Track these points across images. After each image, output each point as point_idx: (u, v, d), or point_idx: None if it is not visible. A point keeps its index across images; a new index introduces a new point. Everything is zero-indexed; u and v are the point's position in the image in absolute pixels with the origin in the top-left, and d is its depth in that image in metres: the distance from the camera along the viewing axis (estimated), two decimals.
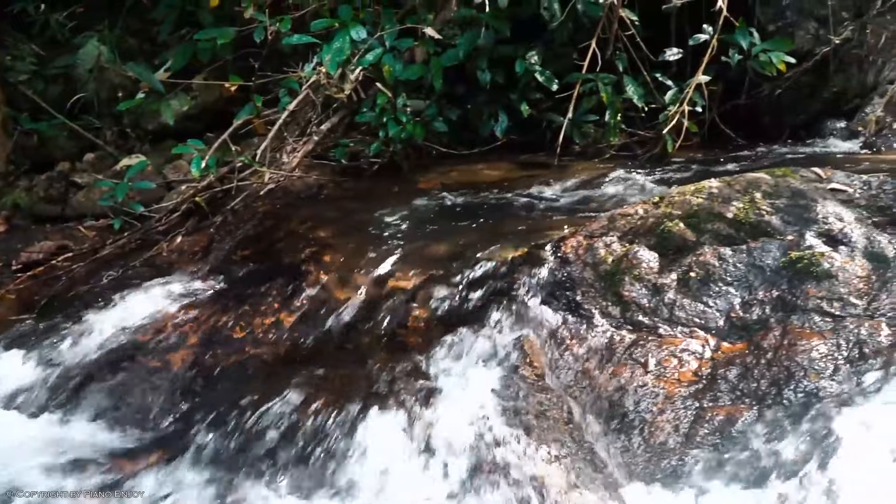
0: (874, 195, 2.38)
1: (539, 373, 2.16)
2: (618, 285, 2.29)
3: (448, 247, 2.63)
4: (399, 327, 2.38)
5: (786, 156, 3.70)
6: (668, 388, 2.06)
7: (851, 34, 3.89)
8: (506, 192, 3.26)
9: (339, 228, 2.91)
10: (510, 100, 3.87)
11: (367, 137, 3.76)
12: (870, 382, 1.91)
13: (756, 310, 2.15)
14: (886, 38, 3.96)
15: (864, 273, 2.11)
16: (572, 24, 3.79)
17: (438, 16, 3.79)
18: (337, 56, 3.40)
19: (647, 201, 2.51)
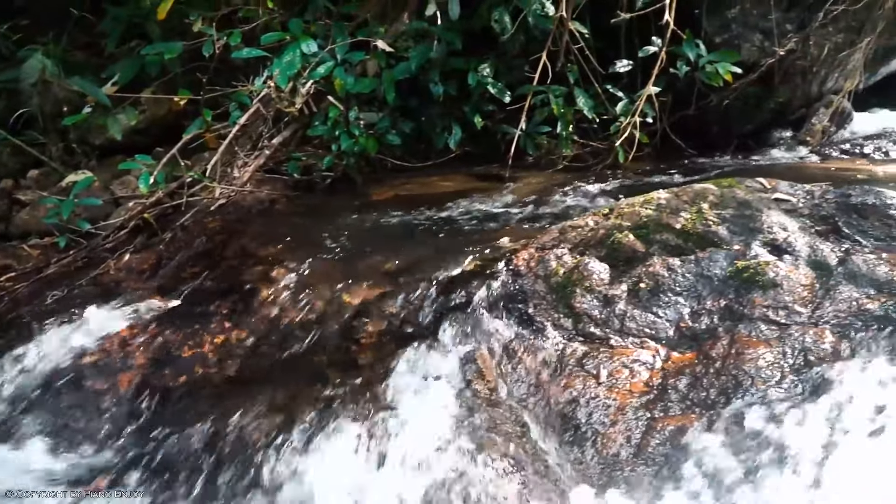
0: (817, 204, 2.43)
1: (492, 386, 2.16)
2: (569, 297, 2.30)
3: (401, 261, 2.61)
4: (352, 344, 2.36)
5: (734, 165, 3.77)
6: (619, 399, 2.07)
7: (795, 46, 3.98)
8: (460, 203, 3.26)
9: (290, 244, 2.87)
10: (463, 112, 3.88)
11: (320, 151, 3.74)
12: (814, 389, 1.94)
13: (705, 319, 2.17)
14: (829, 50, 4.06)
15: (807, 281, 2.15)
16: (524, 36, 3.82)
17: (391, 28, 3.79)
18: (287, 69, 3.37)
19: (598, 213, 2.53)
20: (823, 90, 4.29)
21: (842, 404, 1.86)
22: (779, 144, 4.26)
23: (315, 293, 2.56)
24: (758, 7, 3.99)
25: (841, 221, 2.36)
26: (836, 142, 4.09)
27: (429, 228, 2.96)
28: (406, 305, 2.39)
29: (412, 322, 2.35)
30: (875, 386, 1.88)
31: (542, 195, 3.30)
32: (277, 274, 2.68)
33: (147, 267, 3.11)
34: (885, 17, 4.03)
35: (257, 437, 2.09)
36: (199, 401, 2.31)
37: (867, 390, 1.87)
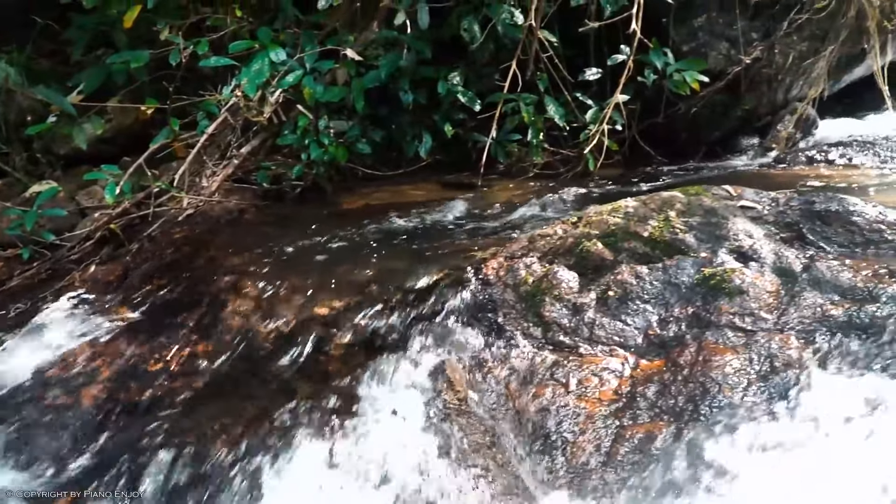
0: (782, 211, 2.46)
1: (461, 396, 2.15)
2: (538, 306, 2.30)
3: (371, 271, 2.60)
4: (321, 355, 2.34)
5: (702, 172, 3.81)
6: (589, 407, 2.07)
7: (761, 54, 4.04)
8: (430, 212, 3.26)
9: (259, 254, 2.85)
10: (434, 120, 3.88)
11: (289, 160, 3.71)
12: (781, 395, 1.95)
13: (672, 327, 2.19)
14: (793, 58, 4.13)
15: (773, 288, 2.17)
16: (494, 44, 3.84)
17: (360, 37, 3.78)
18: (256, 78, 3.35)
19: (566, 221, 2.54)
20: (789, 98, 4.36)
21: (808, 410, 1.87)
22: (746, 151, 4.31)
23: (284, 304, 2.53)
24: (724, 16, 4.04)
25: (805, 228, 2.39)
26: (801, 148, 4.15)
27: (399, 238, 2.95)
28: (375, 316, 2.37)
29: (382, 333, 2.33)
30: (840, 391, 1.90)
31: (512, 203, 3.31)
32: (245, 285, 2.65)
33: (113, 278, 3.06)
34: (847, 25, 4.10)
35: (224, 451, 2.06)
36: (165, 415, 2.27)
37: (832, 396, 1.89)
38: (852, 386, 1.90)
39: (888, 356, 1.93)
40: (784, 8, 3.99)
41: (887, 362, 1.93)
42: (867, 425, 1.80)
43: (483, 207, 3.31)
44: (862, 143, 4.03)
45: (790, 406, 1.91)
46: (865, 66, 4.49)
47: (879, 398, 1.84)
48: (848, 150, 3.96)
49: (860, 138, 4.11)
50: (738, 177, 3.74)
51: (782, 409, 1.91)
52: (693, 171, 3.93)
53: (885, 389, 1.85)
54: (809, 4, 3.98)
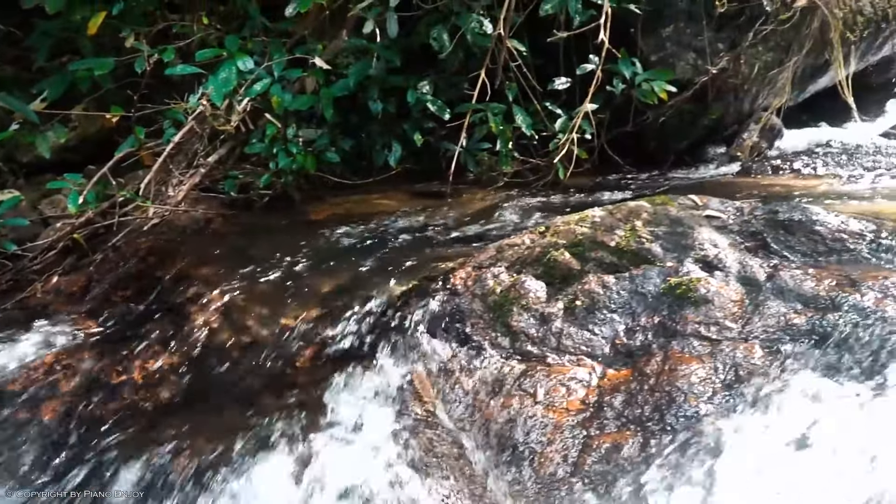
0: (746, 221, 2.49)
1: (429, 408, 2.14)
2: (506, 316, 2.30)
3: (339, 282, 2.58)
4: (287, 367, 2.32)
5: (671, 181, 3.84)
6: (556, 417, 2.07)
7: (727, 64, 4.09)
8: (399, 222, 3.25)
9: (226, 264, 2.81)
10: (404, 129, 3.87)
11: (258, 169, 3.68)
12: (745, 404, 1.97)
13: (639, 336, 2.20)
14: (759, 68, 4.18)
15: (737, 297, 2.19)
16: (463, 53, 3.84)
17: (330, 45, 3.77)
18: (223, 87, 3.31)
19: (534, 231, 2.54)
20: (755, 107, 4.42)
21: (771, 419, 1.89)
22: (714, 160, 4.36)
23: (250, 315, 2.51)
24: (691, 26, 4.08)
25: (769, 237, 2.42)
26: (767, 157, 4.20)
27: (367, 247, 2.93)
28: (343, 327, 2.36)
29: (349, 344, 2.32)
30: (803, 400, 1.91)
31: (481, 212, 3.31)
32: (212, 296, 2.62)
33: (76, 289, 3.01)
34: (811, 37, 4.17)
35: (188, 465, 2.03)
36: (129, 429, 2.23)
37: (795, 404, 1.91)
38: (815, 394, 1.92)
39: (849, 364, 1.95)
40: (749, 19, 4.05)
41: (848, 370, 1.95)
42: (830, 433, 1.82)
43: (452, 216, 3.31)
44: (826, 152, 4.09)
45: (755, 414, 1.93)
46: (829, 76, 4.57)
47: (841, 406, 1.86)
48: (812, 159, 4.02)
49: (824, 148, 4.18)
50: (706, 185, 3.78)
51: (747, 418, 1.92)
52: (662, 179, 3.96)
53: (846, 397, 1.87)
54: (774, 16, 4.04)
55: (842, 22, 4.29)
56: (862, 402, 1.86)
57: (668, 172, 4.19)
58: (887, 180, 3.56)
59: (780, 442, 1.83)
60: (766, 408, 1.93)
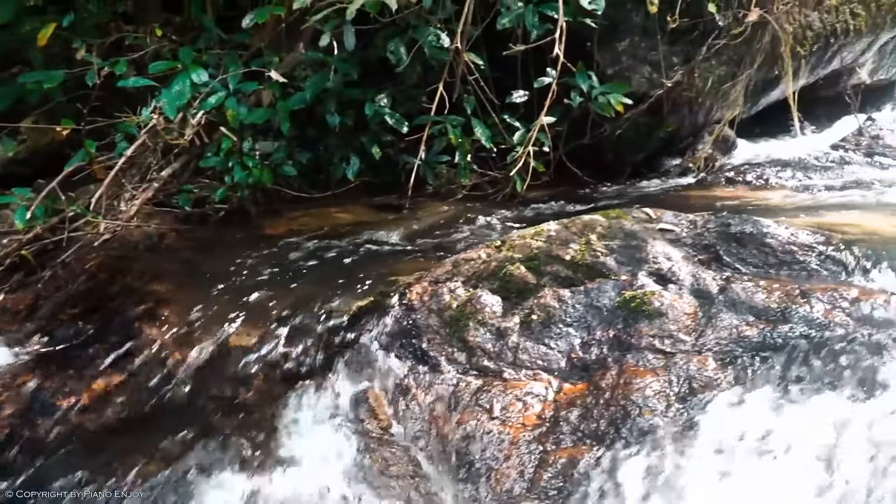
0: (699, 233, 2.51)
1: (384, 425, 2.12)
2: (463, 331, 2.29)
3: (293, 298, 2.55)
4: (240, 386, 2.28)
5: (627, 192, 3.88)
6: (513, 433, 2.06)
7: (681, 78, 4.14)
8: (356, 236, 3.22)
9: (178, 281, 2.77)
10: (362, 142, 3.85)
11: (213, 182, 3.62)
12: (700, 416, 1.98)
13: (595, 350, 2.20)
14: (713, 82, 4.25)
15: (691, 310, 2.20)
16: (421, 66, 3.83)
17: (287, 58, 3.73)
18: (176, 100, 3.26)
19: (490, 245, 2.54)
20: (709, 120, 4.49)
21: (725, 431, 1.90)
22: (670, 171, 4.41)
23: (203, 333, 2.46)
24: (646, 41, 4.13)
25: (722, 250, 2.45)
26: (721, 169, 4.27)
27: (323, 262, 2.90)
28: (297, 344, 2.33)
29: (303, 361, 2.29)
30: (755, 411, 1.93)
31: (439, 225, 3.30)
32: (163, 314, 2.57)
33: (23, 307, 2.93)
34: (762, 51, 4.25)
35: (137, 490, 1.98)
36: (74, 453, 2.18)
37: (747, 416, 1.92)
38: (766, 405, 1.94)
39: (800, 375, 1.98)
40: (702, 34, 4.11)
41: (799, 381, 1.97)
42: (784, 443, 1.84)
43: (410, 230, 3.29)
44: (777, 164, 4.17)
45: (709, 427, 1.94)
46: (780, 89, 4.65)
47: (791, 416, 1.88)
48: (764, 170, 4.10)
49: (776, 159, 4.26)
50: (662, 197, 3.82)
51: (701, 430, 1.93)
52: (619, 191, 4.00)
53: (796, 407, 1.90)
54: (726, 31, 4.10)
55: (792, 37, 4.38)
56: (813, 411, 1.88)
57: (625, 184, 4.23)
58: (835, 192, 3.64)
59: (735, 454, 1.85)
60: (719, 420, 1.95)
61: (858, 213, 3.09)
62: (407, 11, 3.34)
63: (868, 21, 4.90)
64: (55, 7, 3.87)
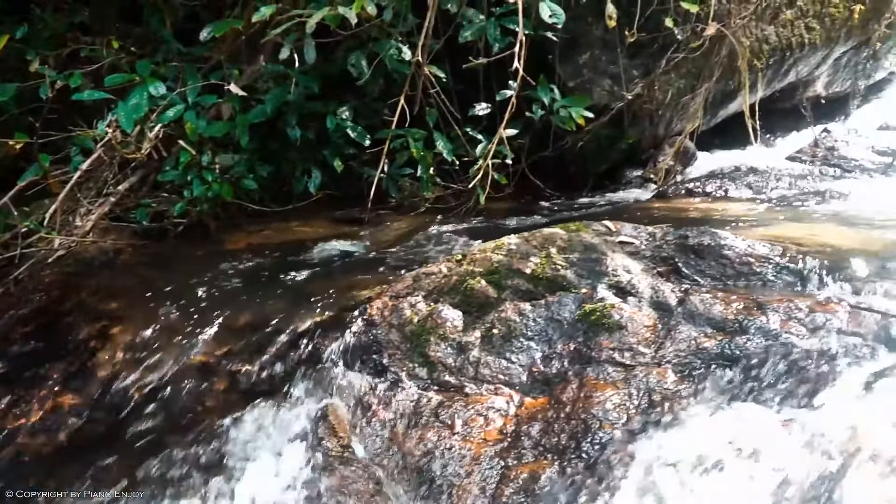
0: (658, 246, 2.53)
1: (344, 443, 2.09)
2: (424, 346, 2.27)
3: (252, 314, 2.51)
4: (197, 405, 2.24)
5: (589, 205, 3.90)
6: (474, 448, 2.05)
7: (642, 90, 4.19)
8: (318, 250, 3.19)
9: (134, 299, 2.71)
10: (324, 155, 3.83)
11: (172, 197, 3.57)
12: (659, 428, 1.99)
13: (555, 363, 2.20)
14: (672, 94, 4.30)
15: (650, 322, 2.21)
16: (383, 79, 3.83)
17: (247, 71, 3.70)
18: (133, 113, 3.21)
19: (451, 259, 2.53)
20: (669, 132, 4.54)
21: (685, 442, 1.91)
22: (631, 183, 4.45)
23: (159, 351, 2.42)
24: (606, 54, 4.17)
25: (680, 262, 2.47)
26: (682, 181, 4.32)
27: (283, 277, 2.87)
28: (256, 361, 2.30)
29: (262, 379, 2.26)
30: (715, 422, 1.94)
31: (401, 239, 3.29)
32: (118, 331, 2.52)
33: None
34: (720, 64, 4.32)
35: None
36: (24, 476, 2.12)
37: (708, 427, 1.93)
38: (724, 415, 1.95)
39: (756, 386, 1.99)
40: (662, 47, 4.16)
41: (756, 392, 1.99)
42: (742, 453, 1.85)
43: (372, 243, 3.27)
44: (735, 175, 4.24)
45: (669, 439, 1.94)
46: (738, 102, 4.72)
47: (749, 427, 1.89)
48: (723, 182, 4.15)
49: (735, 171, 4.32)
50: (623, 209, 3.85)
51: (661, 443, 1.94)
52: (581, 203, 4.02)
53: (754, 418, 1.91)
54: (685, 44, 4.16)
55: (749, 50, 4.45)
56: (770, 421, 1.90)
57: (587, 196, 4.26)
58: (791, 203, 3.70)
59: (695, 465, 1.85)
60: (679, 431, 1.96)
61: (814, 224, 3.14)
62: (368, 25, 3.33)
63: (822, 35, 5.01)
64: (9, 18, 3.80)
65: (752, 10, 4.35)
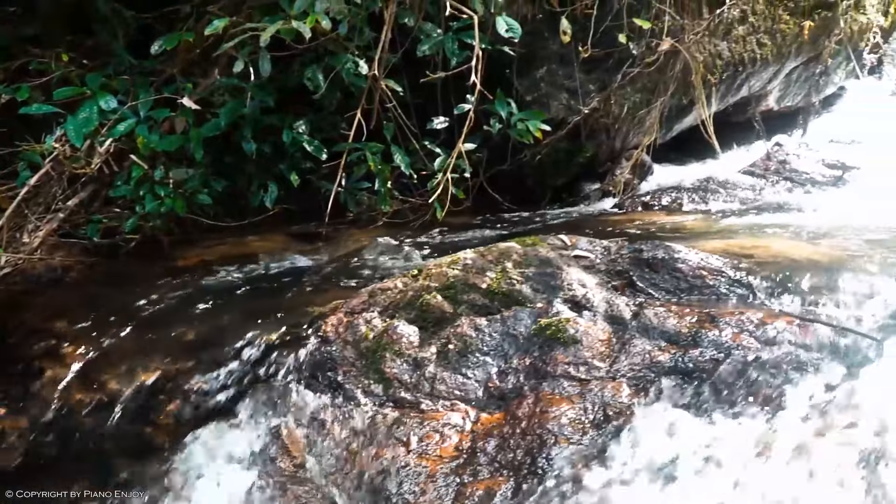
0: (613, 259, 2.55)
1: (298, 462, 2.06)
2: (379, 362, 2.25)
3: (205, 331, 2.47)
4: (146, 426, 2.18)
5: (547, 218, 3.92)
6: (430, 465, 2.03)
7: (598, 104, 4.23)
8: (273, 265, 3.15)
9: (83, 316, 2.64)
10: (280, 169, 3.79)
11: (124, 212, 3.49)
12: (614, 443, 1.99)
13: (511, 378, 2.19)
14: (628, 108, 4.35)
15: (605, 336, 2.22)
16: (341, 93, 3.81)
17: (201, 84, 3.65)
18: (83, 127, 3.15)
19: (407, 274, 2.51)
20: (626, 145, 4.59)
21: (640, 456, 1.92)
22: (589, 196, 4.49)
23: (108, 371, 2.36)
24: (563, 68, 4.21)
25: (635, 276, 2.48)
26: (638, 194, 4.37)
27: (238, 293, 2.83)
28: (207, 380, 2.25)
29: (213, 398, 2.21)
30: (669, 435, 1.95)
31: (358, 253, 3.26)
32: (65, 351, 2.46)
33: None
34: (675, 79, 4.38)
35: None
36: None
37: (662, 440, 1.94)
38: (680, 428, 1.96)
39: (709, 398, 2.01)
40: (617, 62, 4.21)
41: (709, 404, 2.01)
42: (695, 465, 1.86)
43: (329, 258, 3.24)
44: (691, 188, 4.30)
45: (624, 452, 1.95)
46: (693, 116, 4.80)
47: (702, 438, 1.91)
48: (679, 195, 4.21)
49: (690, 184, 4.38)
50: (580, 222, 3.88)
51: (616, 457, 1.94)
52: (539, 216, 4.03)
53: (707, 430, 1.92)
54: (640, 59, 4.22)
55: (703, 65, 4.53)
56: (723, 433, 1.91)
57: (545, 209, 4.28)
58: (744, 215, 3.76)
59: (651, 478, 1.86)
60: (634, 445, 1.96)
61: (766, 236, 3.19)
62: (324, 38, 3.31)
63: (774, 51, 5.11)
64: None
65: (705, 25, 4.43)
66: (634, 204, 4.14)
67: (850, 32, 5.62)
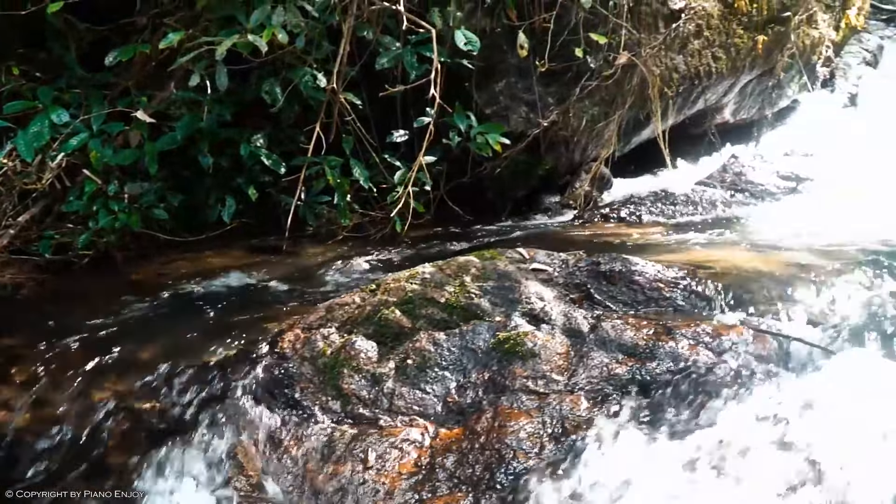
0: (571, 272, 2.56)
1: (254, 482, 2.02)
2: (337, 378, 2.23)
3: (157, 350, 2.42)
4: (98, 446, 2.13)
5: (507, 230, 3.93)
6: (388, 482, 2.01)
7: (557, 117, 4.27)
8: (230, 281, 3.12)
9: (33, 336, 2.57)
10: (238, 183, 3.75)
11: (77, 228, 3.43)
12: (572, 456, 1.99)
13: (470, 393, 2.19)
14: (587, 121, 4.40)
15: (563, 349, 2.23)
16: (300, 106, 3.79)
17: (157, 97, 3.61)
18: (34, 141, 3.09)
19: (365, 289, 2.50)
20: (585, 158, 4.64)
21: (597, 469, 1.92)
22: (549, 208, 4.52)
23: (57, 391, 2.30)
24: (522, 81, 4.24)
25: (593, 288, 2.50)
26: (598, 206, 4.41)
27: (194, 309, 2.78)
28: (161, 398, 2.21)
29: (167, 416, 2.17)
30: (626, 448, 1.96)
31: (317, 268, 3.24)
32: (13, 371, 2.39)
33: None
34: (632, 92, 4.44)
35: None
36: None
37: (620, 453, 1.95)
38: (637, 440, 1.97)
39: (666, 409, 2.03)
40: (576, 75, 4.26)
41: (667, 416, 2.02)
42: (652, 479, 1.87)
43: (287, 273, 3.21)
44: (649, 200, 4.34)
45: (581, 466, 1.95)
46: (651, 128, 4.87)
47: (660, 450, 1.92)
48: (637, 207, 4.25)
49: (648, 196, 4.43)
50: (540, 235, 3.90)
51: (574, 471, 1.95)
52: (499, 229, 4.05)
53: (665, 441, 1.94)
54: (598, 72, 4.27)
55: (659, 78, 4.60)
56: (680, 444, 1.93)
57: (506, 221, 4.29)
58: (700, 227, 3.82)
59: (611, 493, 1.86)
60: (591, 459, 1.97)
61: (722, 247, 3.24)
62: (281, 52, 3.29)
63: (728, 64, 5.22)
64: None
65: (661, 40, 4.50)
66: (594, 216, 4.18)
67: (802, 46, 5.76)
